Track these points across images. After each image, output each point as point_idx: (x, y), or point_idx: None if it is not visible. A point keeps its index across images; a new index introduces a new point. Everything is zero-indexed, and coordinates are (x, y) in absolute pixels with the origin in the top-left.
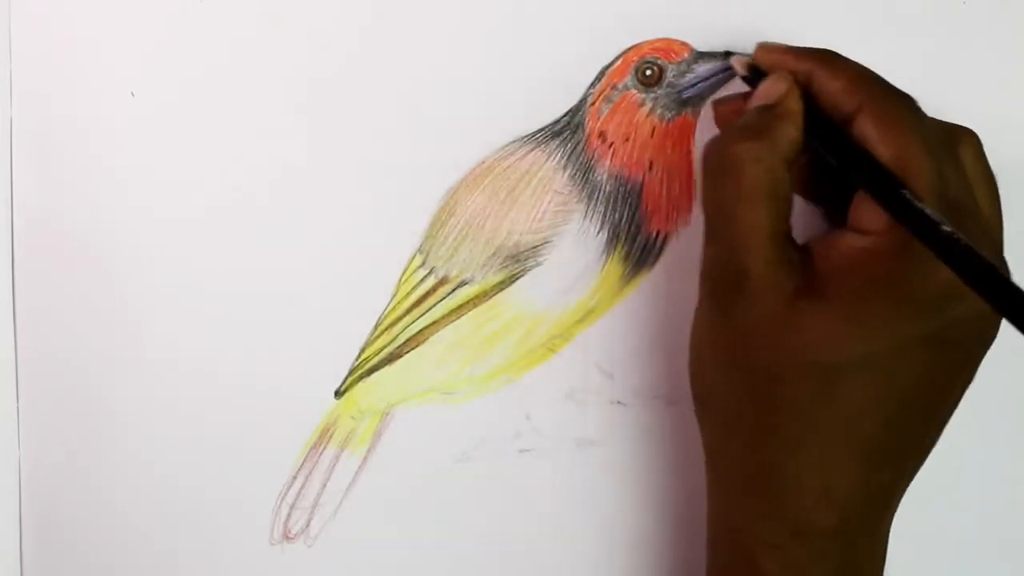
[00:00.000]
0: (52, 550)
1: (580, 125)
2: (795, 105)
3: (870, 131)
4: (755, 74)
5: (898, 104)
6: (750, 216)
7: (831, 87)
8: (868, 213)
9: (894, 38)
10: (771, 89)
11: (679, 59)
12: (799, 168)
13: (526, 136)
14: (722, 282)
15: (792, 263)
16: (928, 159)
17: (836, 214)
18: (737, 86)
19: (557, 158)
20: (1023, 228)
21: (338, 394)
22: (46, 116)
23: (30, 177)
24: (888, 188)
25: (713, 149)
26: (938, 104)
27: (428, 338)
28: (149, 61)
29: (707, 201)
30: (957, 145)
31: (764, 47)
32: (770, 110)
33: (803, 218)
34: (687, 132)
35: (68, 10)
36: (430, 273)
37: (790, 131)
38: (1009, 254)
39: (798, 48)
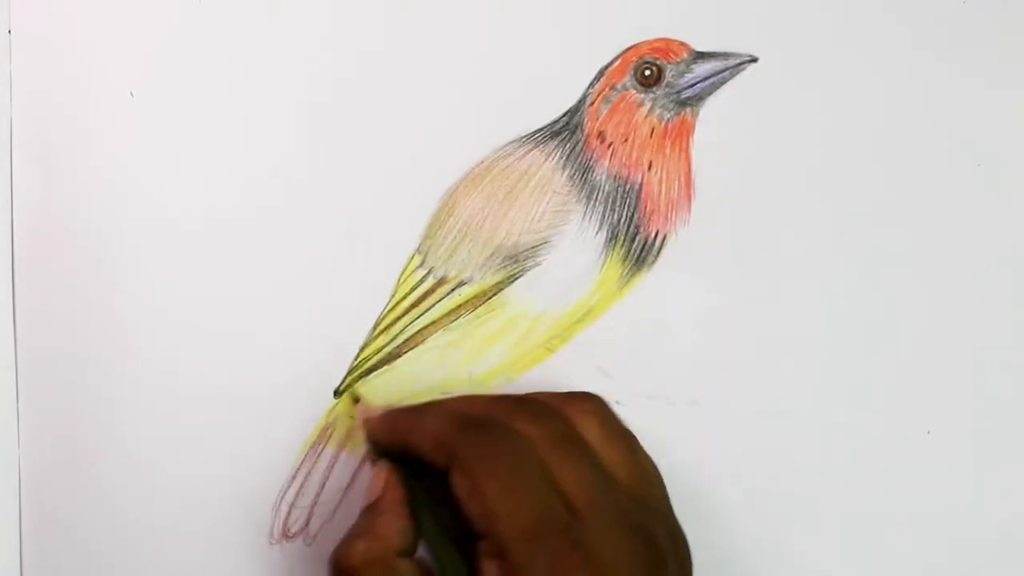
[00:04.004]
0: (52, 549)
1: (579, 125)
2: (395, 495)
3: (460, 487)
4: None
5: (486, 453)
6: None
7: (422, 449)
8: None
9: (894, 38)
10: (373, 484)
11: (678, 59)
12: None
13: (525, 136)
14: None
15: None
16: (518, 505)
17: None
18: (736, 87)
19: (556, 158)
20: (1023, 228)
21: (337, 393)
22: (46, 116)
23: (30, 177)
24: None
25: (333, 557)
26: (938, 104)
27: (427, 338)
28: (149, 61)
29: None
30: (577, 428)
31: (363, 417)
32: (373, 508)
33: None
34: (686, 132)
35: (68, 10)
36: (429, 273)
37: (395, 522)
38: (1008, 254)
39: (389, 413)
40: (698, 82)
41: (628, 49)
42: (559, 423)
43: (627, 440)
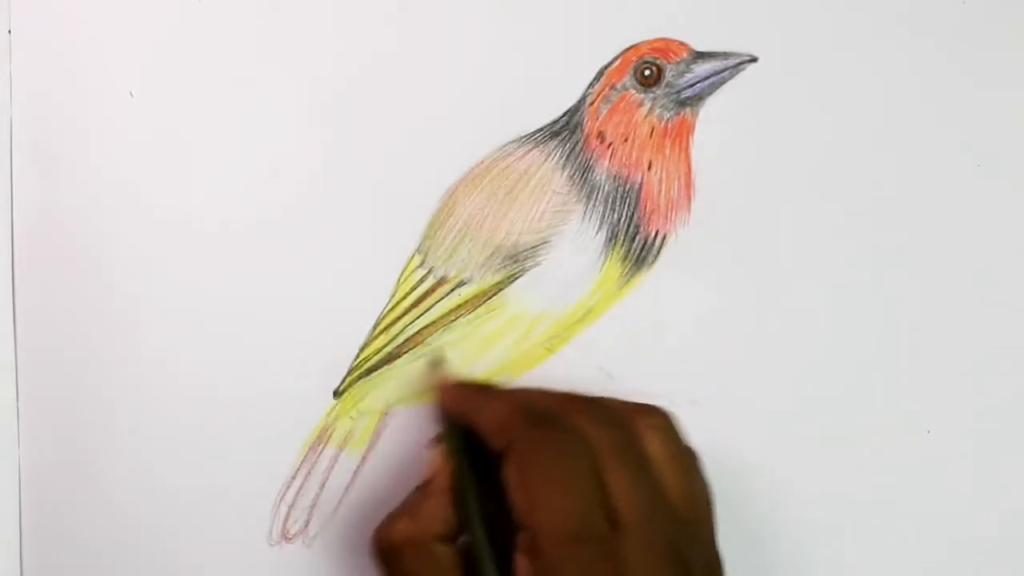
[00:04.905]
0: (52, 549)
1: (579, 125)
2: (444, 480)
3: (511, 475)
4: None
5: (541, 448)
6: None
7: (482, 429)
8: None
9: (895, 38)
10: (430, 464)
11: (678, 59)
12: None
13: (525, 136)
14: None
15: None
16: (561, 505)
17: None
18: (736, 87)
19: (556, 158)
20: (1022, 228)
21: (337, 394)
22: (46, 116)
23: (30, 177)
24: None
25: (374, 534)
26: (938, 104)
27: (427, 338)
28: (149, 61)
29: None
30: (641, 440)
31: (437, 381)
32: (423, 488)
33: None
34: (686, 132)
35: (68, 10)
36: (429, 273)
37: (437, 509)
38: (1008, 254)
39: (461, 385)
40: (698, 82)
41: (628, 49)
42: (624, 432)
43: (687, 461)
